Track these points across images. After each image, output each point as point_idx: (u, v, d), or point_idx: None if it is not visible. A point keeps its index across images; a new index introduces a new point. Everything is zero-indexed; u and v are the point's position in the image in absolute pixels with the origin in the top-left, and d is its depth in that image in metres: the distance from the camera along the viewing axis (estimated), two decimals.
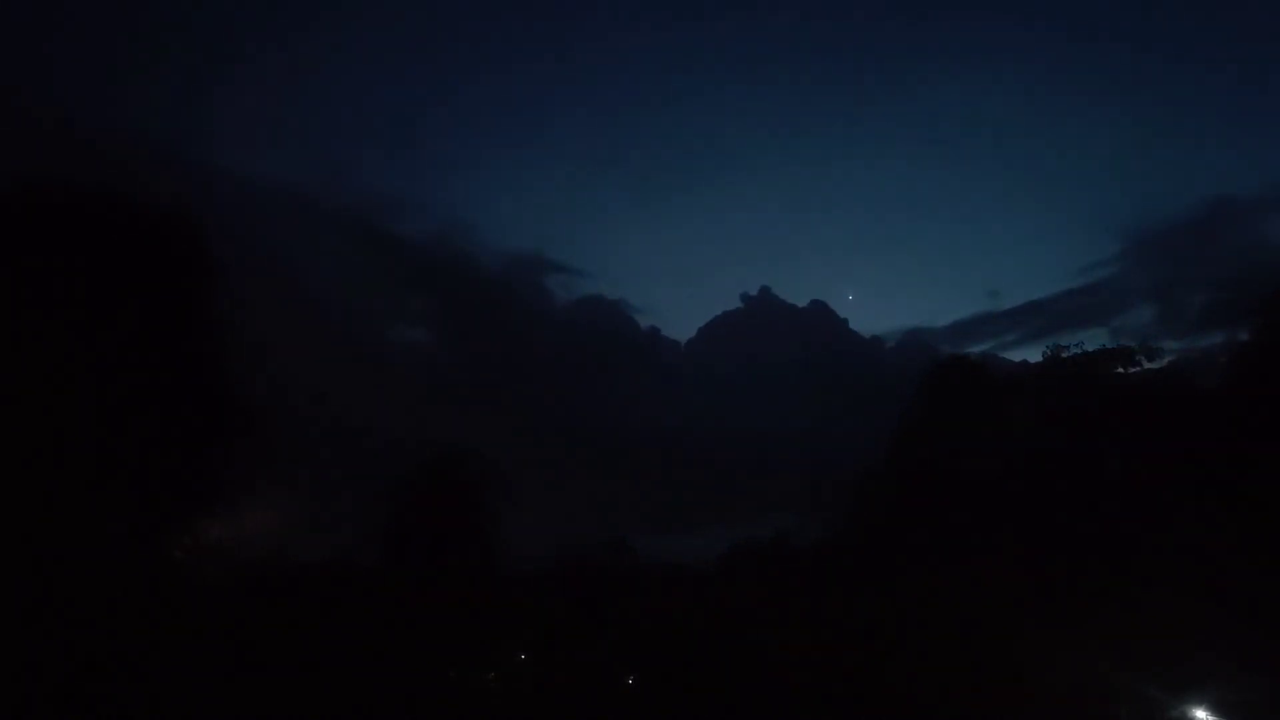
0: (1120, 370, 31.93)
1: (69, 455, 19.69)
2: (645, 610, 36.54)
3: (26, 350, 19.76)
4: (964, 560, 26.87)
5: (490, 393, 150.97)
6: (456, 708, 31.58)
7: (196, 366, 23.07)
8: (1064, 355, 33.33)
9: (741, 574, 40.61)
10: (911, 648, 27.19)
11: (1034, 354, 35.99)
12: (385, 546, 35.42)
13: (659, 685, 33.46)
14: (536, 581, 41.22)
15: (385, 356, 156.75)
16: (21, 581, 18.96)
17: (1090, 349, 33.29)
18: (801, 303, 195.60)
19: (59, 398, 19.79)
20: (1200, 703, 22.42)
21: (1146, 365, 32.02)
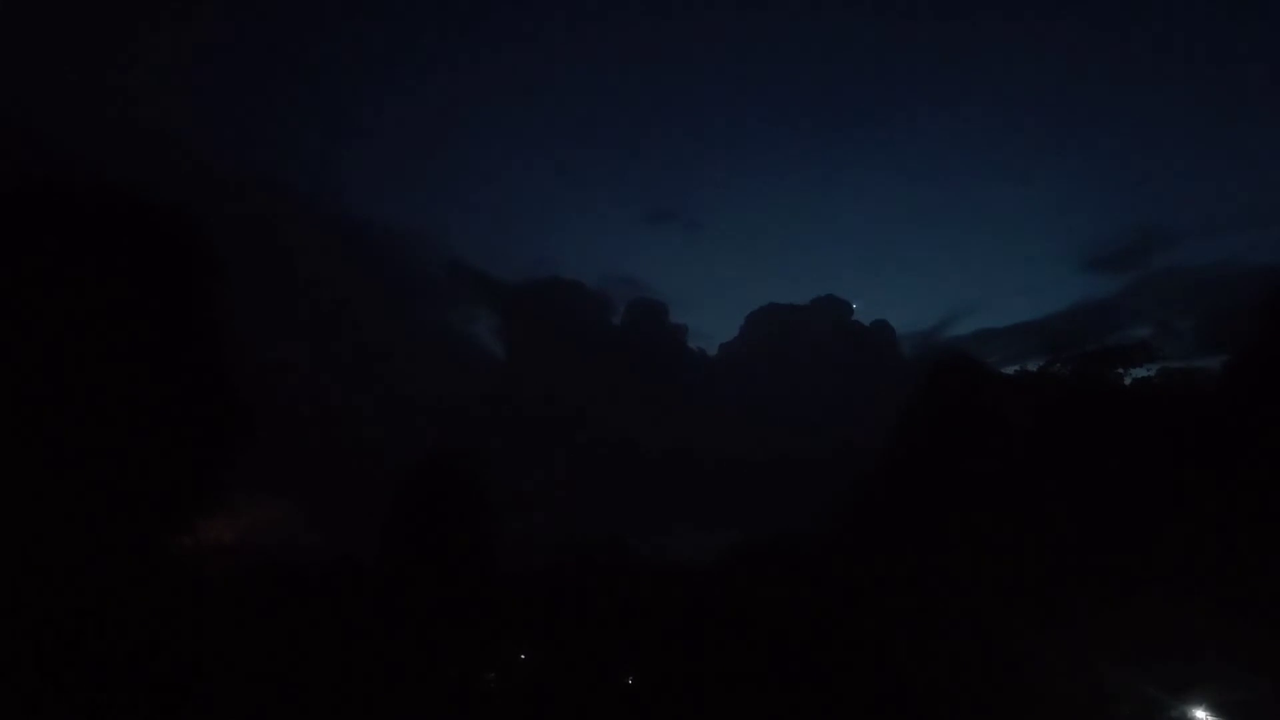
0: (1120, 370, 31.91)
1: (70, 453, 19.73)
2: (646, 610, 36.51)
3: (28, 348, 19.81)
4: (963, 560, 26.86)
5: (541, 401, 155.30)
6: (456, 707, 31.59)
7: (199, 367, 23.11)
8: (1065, 356, 33.32)
9: (742, 573, 40.56)
10: (912, 647, 27.16)
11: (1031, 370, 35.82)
12: (385, 545, 35.44)
13: (659, 685, 33.46)
14: (537, 581, 41.19)
15: (456, 372, 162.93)
16: (23, 580, 19.00)
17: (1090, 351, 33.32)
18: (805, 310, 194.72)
19: (60, 395, 19.84)
20: (1200, 703, 22.38)
21: (1146, 365, 32.05)
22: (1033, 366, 34.80)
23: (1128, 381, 31.79)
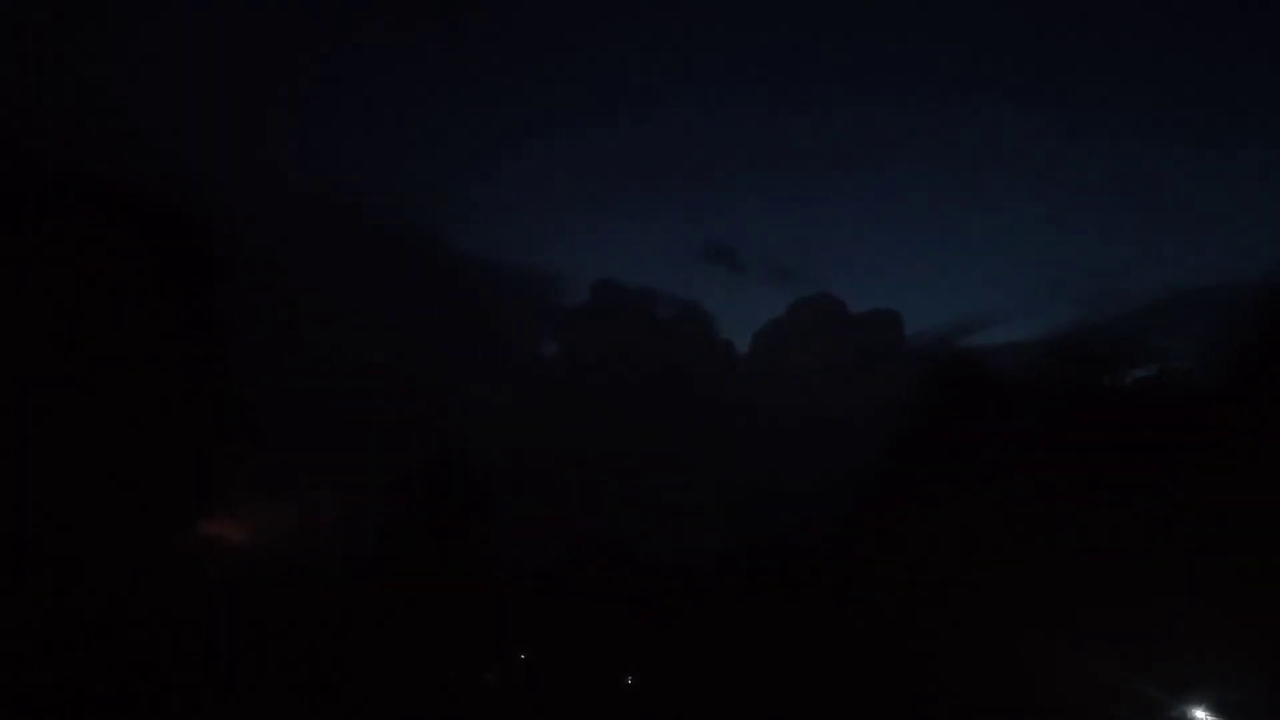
0: (1120, 371, 31.75)
1: (71, 453, 19.80)
2: (645, 610, 36.53)
3: (30, 348, 19.88)
4: (964, 559, 26.86)
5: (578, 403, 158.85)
6: (456, 707, 31.60)
7: (201, 368, 23.17)
8: (1065, 358, 33.14)
9: (742, 574, 40.57)
10: (912, 647, 27.16)
11: None
12: (386, 544, 35.43)
13: (659, 685, 33.49)
14: (537, 581, 41.20)
15: (511, 383, 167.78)
16: (25, 579, 19.06)
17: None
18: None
19: (62, 396, 19.91)
20: (1200, 703, 22.30)
21: (1147, 366, 31.87)
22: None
23: (1128, 381, 31.63)
